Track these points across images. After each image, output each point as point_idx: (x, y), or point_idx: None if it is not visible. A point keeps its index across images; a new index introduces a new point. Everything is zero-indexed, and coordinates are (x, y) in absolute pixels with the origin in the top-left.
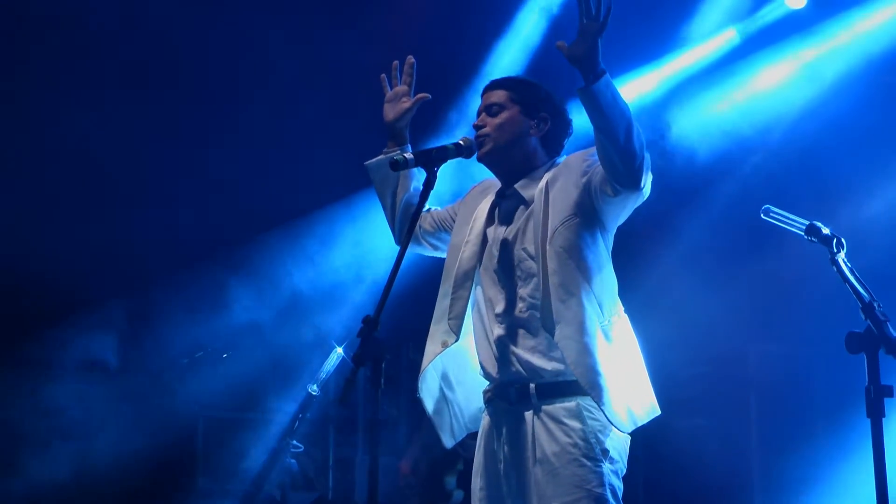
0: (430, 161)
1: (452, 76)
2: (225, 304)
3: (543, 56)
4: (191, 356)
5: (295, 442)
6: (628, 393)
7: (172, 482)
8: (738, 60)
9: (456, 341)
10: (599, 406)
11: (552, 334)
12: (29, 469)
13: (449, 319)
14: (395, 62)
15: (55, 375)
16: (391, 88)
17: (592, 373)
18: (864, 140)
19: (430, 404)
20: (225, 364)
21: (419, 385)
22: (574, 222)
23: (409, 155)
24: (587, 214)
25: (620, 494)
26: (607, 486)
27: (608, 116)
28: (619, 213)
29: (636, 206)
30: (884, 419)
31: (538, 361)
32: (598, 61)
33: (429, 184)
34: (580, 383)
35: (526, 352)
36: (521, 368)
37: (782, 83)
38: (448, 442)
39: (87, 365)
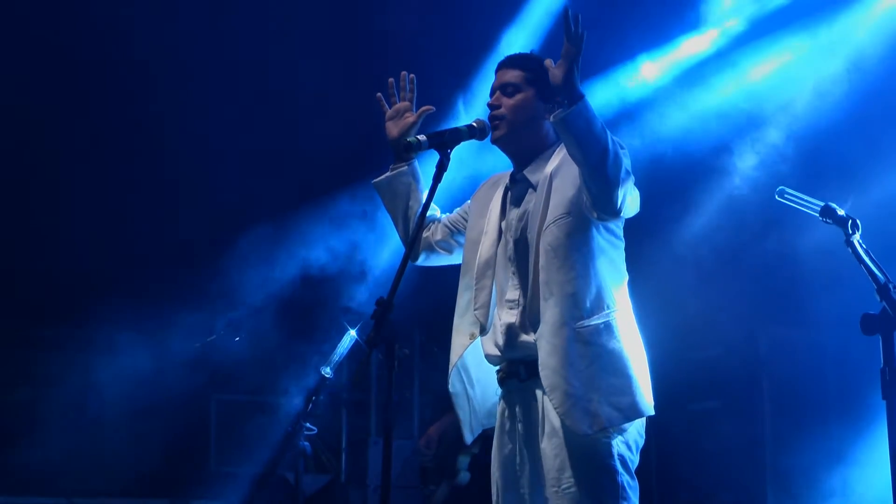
0: (444, 143)
1: (463, 57)
2: (237, 287)
3: (556, 37)
4: (203, 340)
5: (308, 424)
6: (598, 397)
7: (186, 465)
8: (749, 43)
9: (483, 332)
10: (555, 408)
11: (535, 330)
12: (44, 452)
13: (475, 310)
14: (391, 80)
15: (70, 359)
16: (389, 106)
17: (555, 375)
18: (880, 119)
19: (454, 400)
20: (237, 347)
21: (450, 380)
22: (566, 221)
23: (422, 137)
24: (580, 215)
25: (633, 465)
26: (616, 457)
27: (580, 146)
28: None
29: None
30: None
31: None
32: (575, 86)
33: (442, 166)
34: (543, 384)
35: (530, 334)
36: (528, 351)
37: (791, 65)
38: (468, 437)
39: (102, 348)
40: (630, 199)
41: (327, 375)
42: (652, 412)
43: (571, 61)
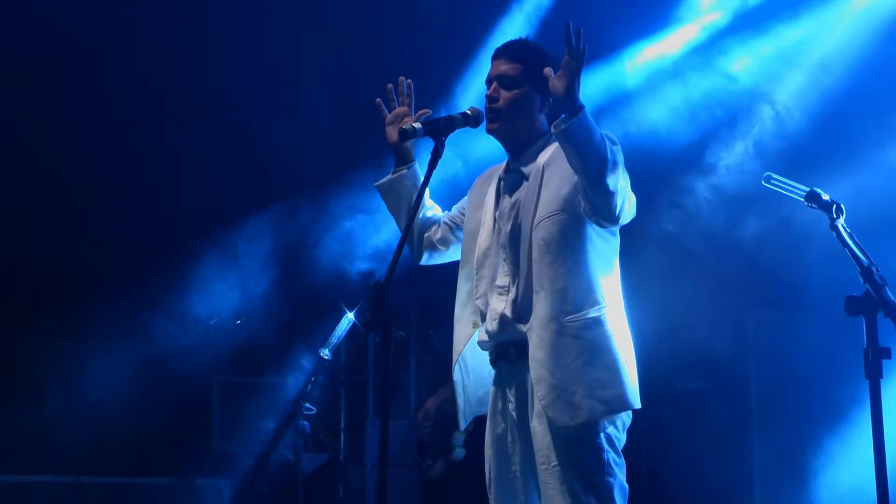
0: (439, 131)
1: (460, 43)
2: (237, 271)
3: (553, 23)
4: (205, 323)
5: (307, 405)
6: (582, 390)
7: (189, 445)
8: (733, 35)
9: (485, 320)
10: (539, 400)
11: (526, 321)
12: (53, 432)
13: (476, 299)
14: (390, 85)
15: (76, 343)
16: (389, 111)
17: (541, 368)
18: (872, 101)
19: (455, 388)
20: (238, 330)
21: (454, 370)
22: (560, 218)
23: (417, 125)
24: (575, 212)
25: (620, 444)
26: (602, 436)
27: (580, 156)
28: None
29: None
30: (881, 380)
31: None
32: (576, 98)
33: (436, 153)
34: (531, 376)
35: (522, 323)
36: (518, 335)
37: (779, 53)
38: (462, 425)
39: (107, 332)
40: (628, 205)
41: (326, 357)
42: (637, 406)
43: (573, 75)
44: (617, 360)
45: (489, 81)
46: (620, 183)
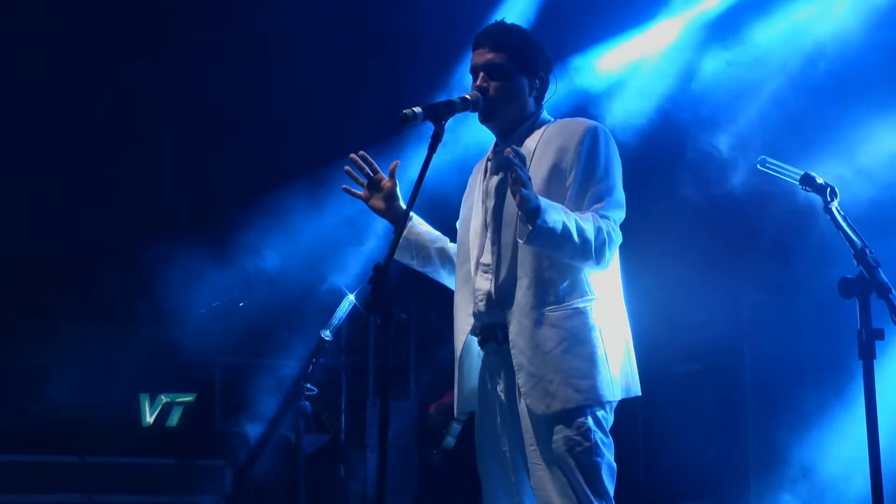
0: (438, 115)
1: (458, 33)
2: (241, 253)
3: (549, 10)
4: (208, 305)
5: (309, 385)
6: (559, 379)
7: (192, 425)
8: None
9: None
10: (520, 387)
11: (509, 307)
12: (51, 411)
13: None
14: (347, 167)
15: (82, 325)
16: (361, 189)
17: (521, 355)
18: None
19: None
20: (241, 312)
21: (458, 356)
22: None
23: (417, 109)
24: None
25: (608, 424)
26: (589, 417)
27: (552, 250)
28: None
29: None
30: (874, 361)
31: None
32: (531, 207)
33: (436, 137)
34: (514, 362)
35: (505, 307)
36: (503, 318)
37: (770, 39)
38: (455, 413)
39: (111, 315)
40: (610, 253)
41: (327, 339)
42: (616, 398)
43: (518, 192)
44: (595, 352)
45: (474, 71)
46: (597, 249)
